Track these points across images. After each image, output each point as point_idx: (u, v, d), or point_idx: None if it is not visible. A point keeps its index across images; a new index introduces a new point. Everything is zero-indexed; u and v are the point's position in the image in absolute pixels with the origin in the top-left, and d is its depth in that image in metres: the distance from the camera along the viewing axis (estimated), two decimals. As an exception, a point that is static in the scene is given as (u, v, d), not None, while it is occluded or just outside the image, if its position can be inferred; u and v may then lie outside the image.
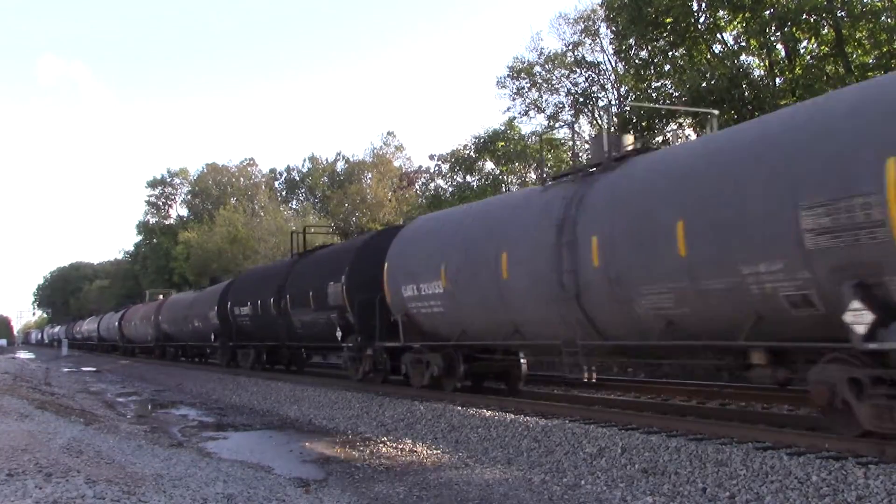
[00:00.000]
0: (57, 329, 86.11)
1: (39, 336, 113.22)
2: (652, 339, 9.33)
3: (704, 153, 9.00)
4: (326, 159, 69.66)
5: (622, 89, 29.72)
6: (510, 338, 11.95)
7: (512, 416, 10.89)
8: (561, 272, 10.19)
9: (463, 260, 12.55)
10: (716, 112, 13.07)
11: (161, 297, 40.69)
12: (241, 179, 71.86)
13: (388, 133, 76.78)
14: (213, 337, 27.19)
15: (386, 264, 14.87)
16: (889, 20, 19.00)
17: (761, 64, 22.58)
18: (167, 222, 75.19)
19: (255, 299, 22.69)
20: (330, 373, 22.30)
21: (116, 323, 46.18)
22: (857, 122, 7.05)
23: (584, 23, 31.35)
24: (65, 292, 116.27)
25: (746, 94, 20.79)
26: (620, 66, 28.65)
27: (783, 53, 21.58)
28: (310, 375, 21.39)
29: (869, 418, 7.21)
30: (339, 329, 16.87)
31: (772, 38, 21.28)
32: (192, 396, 21.49)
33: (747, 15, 21.11)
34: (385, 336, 15.11)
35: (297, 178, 72.00)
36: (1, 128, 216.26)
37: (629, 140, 11.22)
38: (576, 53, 31.73)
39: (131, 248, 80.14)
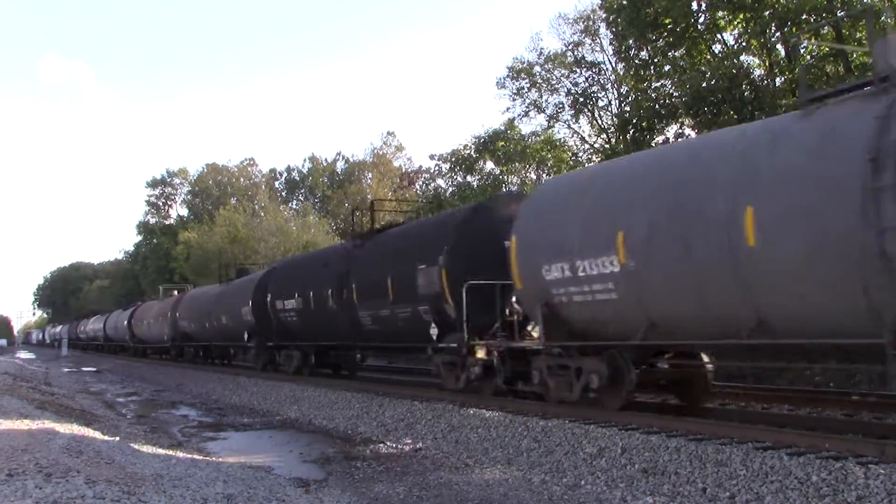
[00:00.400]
0: (59, 329, 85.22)
1: (40, 336, 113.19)
2: None
3: None
4: (326, 159, 69.80)
5: (622, 89, 29.77)
6: (751, 335, 8.31)
7: (512, 416, 10.88)
8: (881, 232, 7.01)
9: (659, 223, 9.11)
10: None
11: (176, 293, 37.73)
12: (241, 179, 71.91)
13: (388, 133, 76.98)
14: (246, 336, 23.76)
15: (513, 238, 11.43)
16: (889, 20, 18.99)
17: (761, 64, 22.60)
18: (167, 222, 75.34)
19: (305, 291, 19.11)
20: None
21: (126, 322, 42.93)
22: None
23: (583, 23, 31.35)
24: (65, 292, 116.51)
25: (747, 94, 20.80)
26: (620, 66, 28.69)
27: (783, 53, 21.60)
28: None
29: None
30: (433, 325, 13.71)
31: (772, 39, 21.31)
32: (192, 396, 21.49)
33: (747, 15, 21.14)
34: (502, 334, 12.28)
35: (297, 178, 72.02)
36: (3, 127, 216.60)
37: None
38: (576, 53, 31.74)
39: (131, 248, 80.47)
